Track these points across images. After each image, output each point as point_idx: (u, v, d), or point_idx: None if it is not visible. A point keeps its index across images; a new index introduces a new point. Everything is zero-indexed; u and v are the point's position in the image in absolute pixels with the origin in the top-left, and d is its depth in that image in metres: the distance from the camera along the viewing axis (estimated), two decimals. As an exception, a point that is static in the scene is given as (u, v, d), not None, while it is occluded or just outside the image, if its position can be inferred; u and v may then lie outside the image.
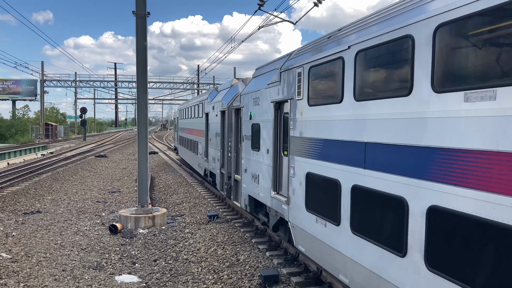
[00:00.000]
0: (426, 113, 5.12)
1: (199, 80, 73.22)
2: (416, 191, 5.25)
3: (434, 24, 5.01)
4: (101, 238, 12.68)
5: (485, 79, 4.40)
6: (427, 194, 5.06)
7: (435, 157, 4.97)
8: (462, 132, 4.57)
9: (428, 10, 5.24)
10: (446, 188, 4.75)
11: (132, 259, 10.90)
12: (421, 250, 5.13)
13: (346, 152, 7.01)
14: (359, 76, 6.64)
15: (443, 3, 4.95)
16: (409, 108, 5.41)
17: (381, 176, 6.01)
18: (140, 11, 14.25)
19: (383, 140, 5.98)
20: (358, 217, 6.63)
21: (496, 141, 4.17)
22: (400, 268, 5.52)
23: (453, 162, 4.70)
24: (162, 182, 24.29)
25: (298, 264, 9.79)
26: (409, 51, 5.44)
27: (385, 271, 5.87)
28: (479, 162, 4.36)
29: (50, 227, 13.83)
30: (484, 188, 4.27)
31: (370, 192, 6.28)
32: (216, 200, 18.39)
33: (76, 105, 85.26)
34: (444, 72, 4.99)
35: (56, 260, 10.59)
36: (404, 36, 5.57)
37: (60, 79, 69.86)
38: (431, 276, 4.96)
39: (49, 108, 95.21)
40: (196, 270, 9.96)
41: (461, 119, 4.59)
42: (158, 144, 64.02)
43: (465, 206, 4.48)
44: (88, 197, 19.52)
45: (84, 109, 74.97)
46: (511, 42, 4.27)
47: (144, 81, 14.63)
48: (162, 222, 14.24)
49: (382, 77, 6.47)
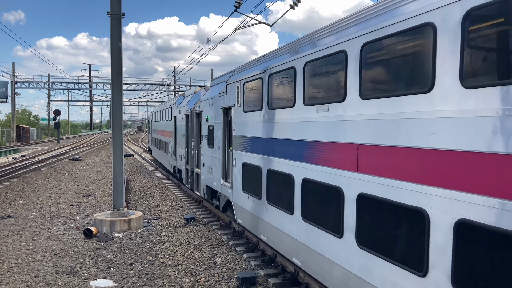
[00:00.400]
0: (301, 118, 8.01)
1: (175, 81, 72.72)
2: (297, 170, 8.14)
3: (303, 62, 7.92)
4: (76, 242, 12.43)
5: (324, 99, 7.31)
6: (302, 171, 7.94)
7: (305, 147, 7.85)
8: (313, 130, 7.55)
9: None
10: (310, 165, 7.65)
11: (108, 263, 10.72)
12: (298, 208, 8.11)
13: (264, 146, 9.82)
14: (271, 92, 9.50)
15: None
16: (294, 115, 8.26)
17: (281, 161, 8.90)
18: (115, 12, 14.07)
19: (283, 137, 8.86)
20: (270, 191, 9.59)
21: (328, 135, 7.08)
22: (289, 221, 8.50)
23: (311, 149, 7.61)
24: (138, 185, 24.00)
25: (276, 265, 9.82)
26: (292, 80, 8.31)
27: (283, 226, 8.81)
28: (321, 148, 7.31)
29: (21, 232, 13.49)
30: (322, 163, 7.24)
31: (276, 173, 9.14)
32: (193, 202, 18.28)
33: (50, 107, 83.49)
34: (308, 94, 7.83)
35: (28, 266, 10.33)
36: (290, 67, 8.45)
37: (32, 80, 68.35)
38: (303, 224, 7.91)
39: (21, 111, 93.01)
40: (173, 274, 9.87)
41: (313, 123, 7.53)
42: (134, 146, 63.25)
43: (315, 175, 7.48)
44: (62, 201, 19.12)
45: (57, 111, 73.48)
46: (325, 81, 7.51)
47: (119, 83, 14.44)
48: (138, 225, 14.06)
49: (282, 94, 9.10)
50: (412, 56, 5.45)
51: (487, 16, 4.32)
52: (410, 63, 5.46)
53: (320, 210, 7.38)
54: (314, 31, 8.20)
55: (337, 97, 6.72)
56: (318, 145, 7.37)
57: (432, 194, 4.82)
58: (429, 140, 4.87)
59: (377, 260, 5.76)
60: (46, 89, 73.33)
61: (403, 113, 5.29)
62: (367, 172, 5.98)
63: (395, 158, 5.46)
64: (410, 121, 5.18)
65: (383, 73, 5.99)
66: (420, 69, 5.12)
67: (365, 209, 6.07)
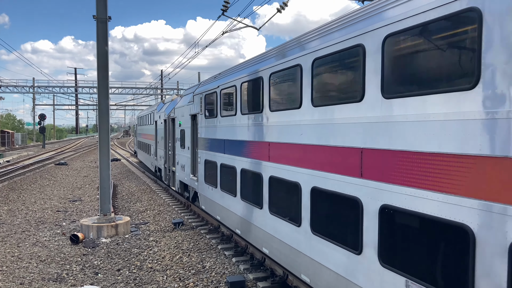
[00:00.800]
0: (237, 124, 10.63)
1: (162, 85, 72.33)
2: (238, 163, 10.54)
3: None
4: (62, 248, 12.26)
5: (253, 110, 9.78)
6: (240, 163, 10.40)
7: (243, 145, 10.22)
8: (247, 133, 10.02)
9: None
10: (245, 159, 10.10)
11: (95, 269, 10.59)
12: (239, 191, 10.53)
13: (218, 145, 12.17)
14: (222, 103, 11.96)
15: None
16: (235, 121, 10.78)
17: (229, 156, 11.27)
18: (101, 15, 13.96)
19: (229, 138, 11.23)
20: (222, 181, 11.89)
21: (254, 136, 9.58)
22: (235, 203, 10.83)
23: (245, 147, 10.12)
24: (125, 189, 23.79)
25: (265, 269, 9.80)
26: (234, 95, 10.87)
27: (232, 207, 11.12)
28: (249, 145, 9.78)
29: (6, 239, 13.27)
30: (251, 156, 9.72)
31: (226, 166, 11.47)
32: (181, 207, 18.18)
33: (35, 111, 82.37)
34: (244, 106, 10.28)
35: (13, 273, 10.15)
36: (232, 85, 11.04)
37: (17, 84, 67.32)
38: (241, 202, 10.40)
39: (5, 115, 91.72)
40: (161, 279, 9.79)
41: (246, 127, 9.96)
42: (121, 151, 62.74)
43: (245, 165, 10.06)
44: (47, 206, 18.86)
45: (43, 116, 72.51)
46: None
47: (106, 87, 14.32)
48: (126, 230, 13.93)
49: (228, 105, 11.46)
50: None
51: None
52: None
53: (251, 191, 9.82)
54: (245, 60, 11.36)
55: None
56: (247, 143, 9.99)
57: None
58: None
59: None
60: (31, 93, 72.39)
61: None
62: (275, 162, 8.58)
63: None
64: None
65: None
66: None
67: (273, 187, 8.68)
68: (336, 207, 6.49)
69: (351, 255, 5.99)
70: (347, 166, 6.17)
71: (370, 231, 5.59)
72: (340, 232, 6.34)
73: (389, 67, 5.37)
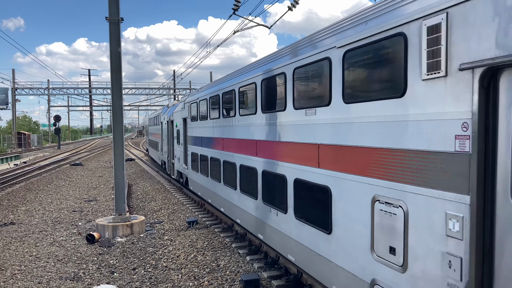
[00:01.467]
0: (212, 125, 14.28)
1: (175, 85, 72.68)
2: (210, 153, 14.33)
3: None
4: (78, 248, 12.43)
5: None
6: (212, 153, 14.15)
7: (212, 140, 14.10)
8: (212, 131, 14.36)
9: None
10: (215, 150, 13.77)
11: (111, 268, 10.71)
12: (209, 172, 14.69)
13: (199, 141, 16.12)
14: (199, 110, 16.05)
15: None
16: (208, 124, 14.57)
17: (204, 149, 15.28)
18: (113, 17, 14.09)
19: (206, 135, 14.96)
20: (201, 167, 15.96)
21: (221, 134, 13.42)
22: (206, 180, 15.20)
23: (212, 141, 14.06)
24: (139, 189, 24.00)
25: (279, 267, 9.81)
26: (208, 104, 14.75)
27: (205, 183, 15.50)
28: (217, 141, 13.73)
29: (24, 238, 13.49)
30: (217, 149, 13.66)
31: (203, 155, 15.57)
32: (195, 206, 18.28)
33: (50, 113, 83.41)
34: (214, 113, 14.23)
35: (31, 272, 10.33)
36: (204, 98, 15.19)
37: (32, 87, 68.29)
38: (211, 180, 14.59)
39: (21, 117, 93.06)
40: (176, 277, 9.86)
41: (212, 128, 14.58)
42: (135, 150, 63.26)
43: (216, 155, 13.70)
44: (63, 206, 19.12)
45: (58, 117, 73.49)
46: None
47: (119, 88, 14.45)
48: (141, 229, 14.06)
49: (204, 111, 15.31)
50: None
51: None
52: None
53: (216, 172, 13.67)
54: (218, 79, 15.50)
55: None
56: (214, 139, 13.80)
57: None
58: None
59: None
60: (46, 95, 73.31)
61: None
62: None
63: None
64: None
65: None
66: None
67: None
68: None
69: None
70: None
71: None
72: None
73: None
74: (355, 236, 6.14)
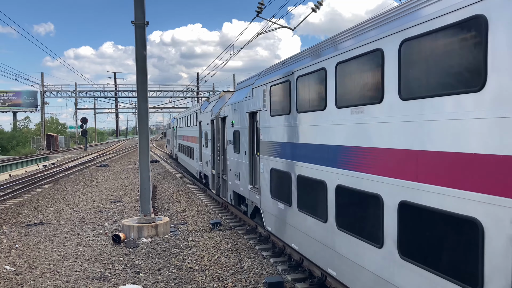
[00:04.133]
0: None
1: (198, 87, 73.36)
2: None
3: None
4: (104, 248, 12.65)
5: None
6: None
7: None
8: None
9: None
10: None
11: (136, 268, 10.86)
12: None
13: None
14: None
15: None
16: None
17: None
18: (139, 21, 14.31)
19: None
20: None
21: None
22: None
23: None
24: (164, 190, 24.27)
25: (303, 270, 9.76)
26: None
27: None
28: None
29: (53, 238, 13.81)
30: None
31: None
32: (219, 207, 18.37)
33: (77, 115, 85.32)
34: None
35: (60, 271, 10.56)
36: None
37: (60, 89, 70.09)
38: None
39: (50, 119, 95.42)
40: (200, 279, 9.93)
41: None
42: (159, 152, 64.04)
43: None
44: (90, 207, 19.50)
45: (84, 119, 75.05)
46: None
47: (144, 90, 14.66)
48: (165, 230, 14.21)
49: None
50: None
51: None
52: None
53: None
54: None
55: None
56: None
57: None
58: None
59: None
60: (73, 98, 75.04)
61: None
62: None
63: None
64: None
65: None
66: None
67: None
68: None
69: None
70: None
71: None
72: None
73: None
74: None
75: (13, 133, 76.58)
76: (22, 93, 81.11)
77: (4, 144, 68.15)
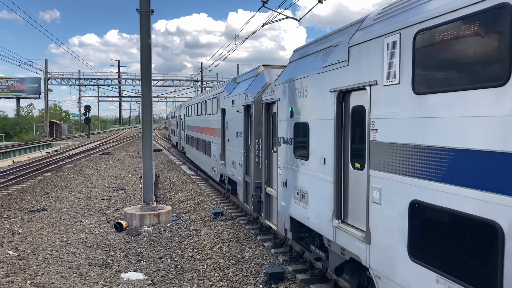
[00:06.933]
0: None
1: (202, 77, 73.27)
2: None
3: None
4: (107, 235, 12.72)
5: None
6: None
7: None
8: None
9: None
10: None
11: (138, 256, 10.93)
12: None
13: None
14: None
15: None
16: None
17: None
18: (144, 9, 14.26)
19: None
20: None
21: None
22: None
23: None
24: (166, 179, 24.34)
25: (304, 261, 9.80)
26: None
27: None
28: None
29: (55, 224, 13.89)
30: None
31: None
32: (221, 197, 18.42)
33: (80, 103, 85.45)
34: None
35: (62, 257, 10.64)
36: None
37: (64, 77, 70.04)
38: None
39: (53, 106, 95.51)
40: (201, 267, 9.99)
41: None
42: (162, 141, 64.12)
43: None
44: (93, 194, 19.59)
45: (88, 107, 75.15)
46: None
47: (149, 79, 14.64)
48: (167, 219, 14.27)
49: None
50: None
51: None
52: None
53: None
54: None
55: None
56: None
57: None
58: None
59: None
60: (77, 85, 75.08)
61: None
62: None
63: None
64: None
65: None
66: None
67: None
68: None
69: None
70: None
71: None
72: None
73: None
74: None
75: (16, 120, 76.67)
76: (26, 80, 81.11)
77: (7, 130, 68.30)
